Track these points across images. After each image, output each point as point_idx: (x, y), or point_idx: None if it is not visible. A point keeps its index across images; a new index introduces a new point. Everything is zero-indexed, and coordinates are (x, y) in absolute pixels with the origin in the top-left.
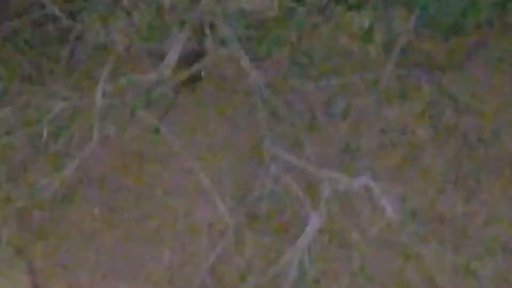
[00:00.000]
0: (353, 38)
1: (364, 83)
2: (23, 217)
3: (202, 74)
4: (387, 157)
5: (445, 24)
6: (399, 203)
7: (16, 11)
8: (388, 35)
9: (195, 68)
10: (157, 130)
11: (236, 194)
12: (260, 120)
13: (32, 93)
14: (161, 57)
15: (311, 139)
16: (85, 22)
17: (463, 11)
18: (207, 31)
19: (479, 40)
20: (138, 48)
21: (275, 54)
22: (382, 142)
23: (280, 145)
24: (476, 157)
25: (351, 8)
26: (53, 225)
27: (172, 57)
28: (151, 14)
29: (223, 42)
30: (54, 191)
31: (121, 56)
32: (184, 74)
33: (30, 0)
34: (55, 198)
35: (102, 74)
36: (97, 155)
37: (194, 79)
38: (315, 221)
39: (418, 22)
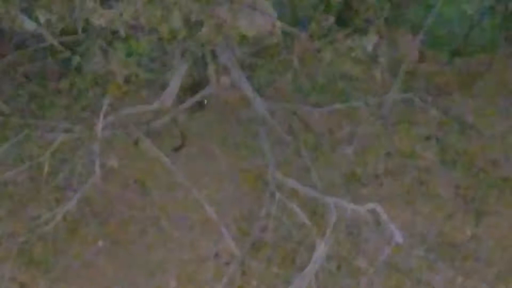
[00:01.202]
0: (357, 63)
1: (369, 107)
2: (26, 251)
3: (205, 102)
4: (394, 182)
5: (450, 47)
6: (407, 228)
7: (16, 45)
8: (393, 59)
9: (197, 97)
10: (159, 161)
11: (242, 223)
12: (264, 147)
13: (32, 126)
14: (163, 86)
15: (317, 166)
16: (84, 54)
17: (467, 33)
18: (209, 59)
19: (484, 62)
20: (139, 78)
21: (277, 81)
22: (388, 167)
23: (285, 173)
24: (484, 180)
25: (354, 32)
26: (56, 258)
27: (174, 86)
28: (150, 44)
29: (225, 70)
30: (57, 225)
31: (121, 87)
32: (187, 104)
33: (29, 33)
34: (58, 232)
35: (103, 105)
36: (100, 187)
37: (197, 108)
38: (322, 249)
39: (423, 45)
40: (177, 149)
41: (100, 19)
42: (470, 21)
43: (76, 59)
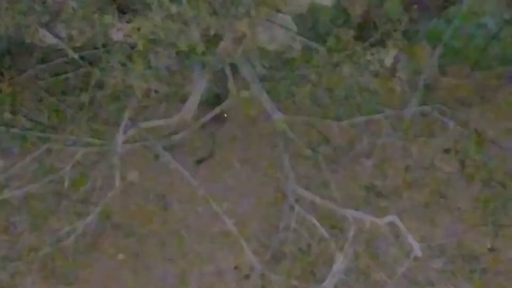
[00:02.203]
0: (375, 76)
1: (388, 120)
2: (47, 265)
3: (225, 116)
4: (413, 195)
5: (469, 60)
6: (426, 241)
7: (37, 59)
8: (413, 72)
9: (216, 110)
10: (180, 174)
11: (261, 236)
12: (283, 160)
13: (53, 140)
14: (183, 100)
15: (336, 179)
16: (105, 69)
17: (486, 46)
18: (228, 73)
19: (504, 74)
20: (159, 92)
21: (295, 94)
22: (408, 180)
23: (305, 186)
24: (503, 192)
25: (372, 46)
26: (77, 272)
27: (194, 100)
28: (169, 58)
29: (244, 83)
30: (77, 238)
31: (141, 101)
32: (207, 117)
33: (50, 48)
34: (78, 245)
35: (123, 119)
36: (121, 201)
37: (218, 121)
38: (341, 261)
39: (443, 57)
40: (200, 161)
41: (118, 33)
42: (489, 34)
43: (96, 73)
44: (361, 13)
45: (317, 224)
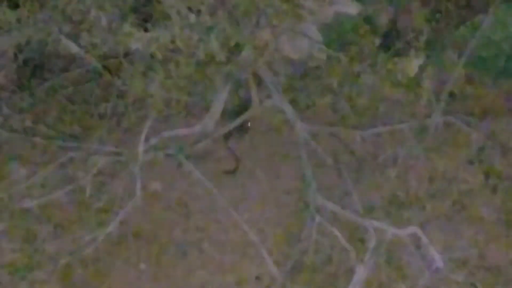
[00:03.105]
0: (398, 86)
1: (412, 130)
2: (67, 274)
3: (249, 124)
4: (436, 205)
5: (497, 69)
6: (448, 252)
7: (59, 68)
8: (438, 81)
9: (239, 120)
10: (202, 183)
11: (283, 246)
12: (306, 170)
13: (74, 149)
14: (206, 109)
15: (358, 189)
16: (126, 78)
17: None
18: (251, 82)
19: None
20: (180, 101)
21: (317, 103)
22: (430, 191)
23: (327, 196)
24: None
25: (395, 55)
26: (98, 281)
27: (216, 109)
28: (189, 67)
29: (267, 93)
30: (98, 247)
31: (162, 110)
32: (229, 126)
33: (73, 58)
34: (100, 254)
35: (144, 129)
36: (144, 210)
37: (241, 131)
38: (361, 272)
39: (470, 67)
40: (229, 172)
41: (137, 42)
42: None
43: (118, 83)
44: (387, 22)
45: (338, 234)
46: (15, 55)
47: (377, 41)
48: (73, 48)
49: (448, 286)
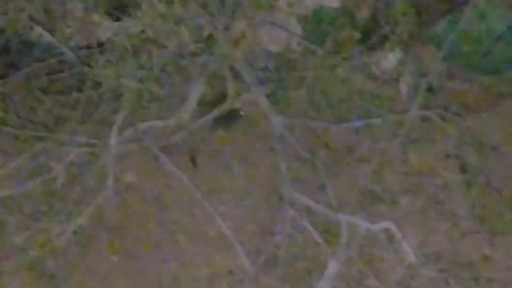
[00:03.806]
0: (375, 79)
1: (388, 125)
2: (37, 266)
3: (242, 113)
4: (411, 200)
5: (476, 63)
6: (422, 247)
7: (33, 58)
8: (418, 75)
9: (215, 112)
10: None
11: (257, 240)
12: (280, 164)
13: (46, 140)
14: (183, 101)
15: (333, 183)
16: (98, 69)
17: (493, 49)
18: (227, 74)
19: None
20: (154, 93)
21: (292, 97)
22: (405, 186)
23: (301, 189)
24: (500, 200)
25: (372, 48)
26: (68, 273)
27: (192, 101)
28: (162, 58)
29: (243, 85)
30: (70, 240)
31: (138, 101)
32: (205, 119)
33: (46, 46)
34: (71, 247)
35: (117, 120)
36: (118, 202)
37: (230, 119)
38: (333, 267)
39: (451, 61)
40: (193, 160)
41: (105, 32)
42: (496, 37)
43: (91, 73)
44: (367, 16)
45: (311, 228)
46: None
47: (357, 34)
48: (47, 37)
49: (420, 282)
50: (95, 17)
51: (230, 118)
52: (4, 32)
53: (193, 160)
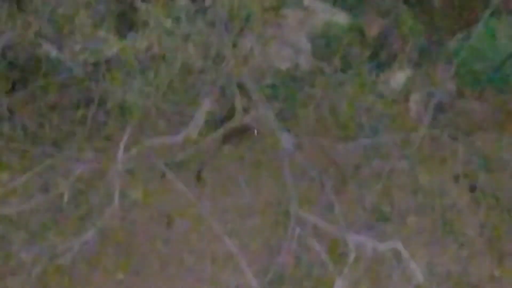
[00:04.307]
0: (383, 97)
1: (397, 143)
2: (43, 282)
3: (255, 132)
4: (419, 220)
5: (485, 82)
6: (430, 267)
7: (42, 74)
8: (427, 94)
9: (222, 130)
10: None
11: (263, 258)
12: (288, 181)
13: (53, 156)
14: (190, 117)
15: (341, 202)
16: (107, 84)
17: (502, 67)
18: (235, 91)
19: None
20: (162, 109)
21: (300, 114)
22: (414, 205)
23: (309, 208)
24: (509, 219)
25: (381, 66)
26: None
27: (199, 118)
28: (169, 75)
29: (252, 102)
30: (75, 257)
31: (146, 117)
32: (213, 136)
33: (54, 62)
34: (76, 264)
35: (124, 136)
36: (124, 219)
37: (241, 136)
38: (340, 286)
39: (461, 80)
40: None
41: (113, 49)
42: (506, 55)
43: (99, 90)
44: (377, 34)
45: (318, 247)
46: None
47: (366, 52)
48: (54, 53)
49: None
50: (103, 34)
51: (240, 134)
52: (12, 48)
53: (198, 176)
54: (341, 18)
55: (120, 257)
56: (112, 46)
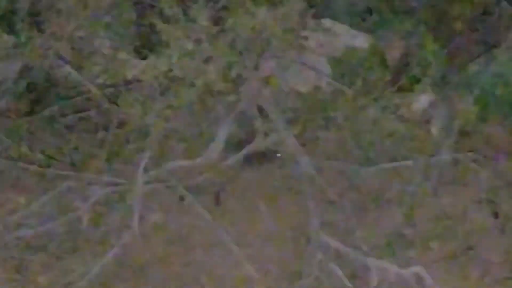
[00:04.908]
0: (405, 121)
1: (419, 167)
2: None
3: (278, 155)
4: (442, 245)
5: (508, 106)
6: None
7: (60, 96)
8: (449, 118)
9: (243, 152)
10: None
11: (283, 283)
12: (309, 205)
13: (72, 179)
14: (210, 140)
15: (363, 226)
16: (125, 107)
17: None
18: (255, 114)
19: None
20: (181, 132)
21: (321, 137)
22: (436, 230)
23: (330, 232)
24: None
25: (403, 90)
26: None
27: (219, 141)
28: (190, 97)
29: (272, 125)
30: (93, 280)
31: (166, 140)
32: (232, 159)
33: (73, 84)
34: (94, 287)
35: (143, 159)
36: (142, 243)
37: (263, 159)
38: None
39: (483, 104)
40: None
41: (132, 70)
42: None
43: (118, 112)
44: (398, 56)
45: (340, 272)
46: (17, 81)
47: (387, 75)
48: (74, 75)
49: None
50: (123, 55)
51: (261, 158)
52: (31, 70)
53: (217, 199)
54: (362, 40)
55: (138, 281)
56: (134, 68)
